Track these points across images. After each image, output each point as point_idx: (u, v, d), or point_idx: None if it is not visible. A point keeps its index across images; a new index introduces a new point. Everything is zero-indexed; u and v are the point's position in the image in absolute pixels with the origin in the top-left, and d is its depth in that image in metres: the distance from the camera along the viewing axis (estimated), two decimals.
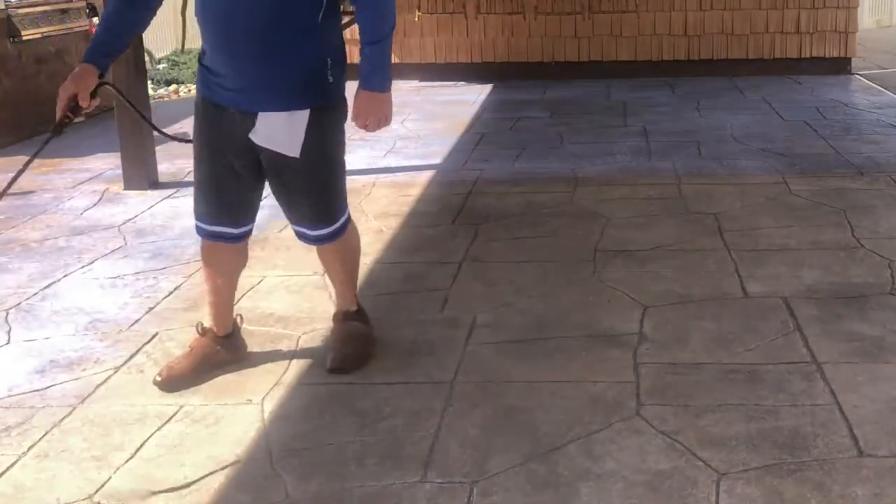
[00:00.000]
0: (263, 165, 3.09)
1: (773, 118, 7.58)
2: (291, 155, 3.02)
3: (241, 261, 3.35)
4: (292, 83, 2.97)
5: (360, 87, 3.04)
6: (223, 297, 3.34)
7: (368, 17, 3.00)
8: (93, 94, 2.97)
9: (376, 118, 3.05)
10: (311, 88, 3.00)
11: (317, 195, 3.14)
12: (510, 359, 3.37)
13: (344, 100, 3.14)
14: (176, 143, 3.57)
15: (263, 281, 4.18)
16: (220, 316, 3.35)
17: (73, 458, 2.79)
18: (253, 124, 2.99)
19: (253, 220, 3.26)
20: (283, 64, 2.94)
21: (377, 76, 3.03)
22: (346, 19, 3.97)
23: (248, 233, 3.27)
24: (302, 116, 2.99)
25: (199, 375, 3.24)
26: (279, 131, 2.99)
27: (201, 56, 3.09)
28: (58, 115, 2.97)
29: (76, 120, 3.07)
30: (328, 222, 3.19)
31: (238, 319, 3.42)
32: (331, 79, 3.03)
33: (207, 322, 3.37)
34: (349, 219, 3.28)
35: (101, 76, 3.03)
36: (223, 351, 3.33)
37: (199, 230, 3.22)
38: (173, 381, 3.21)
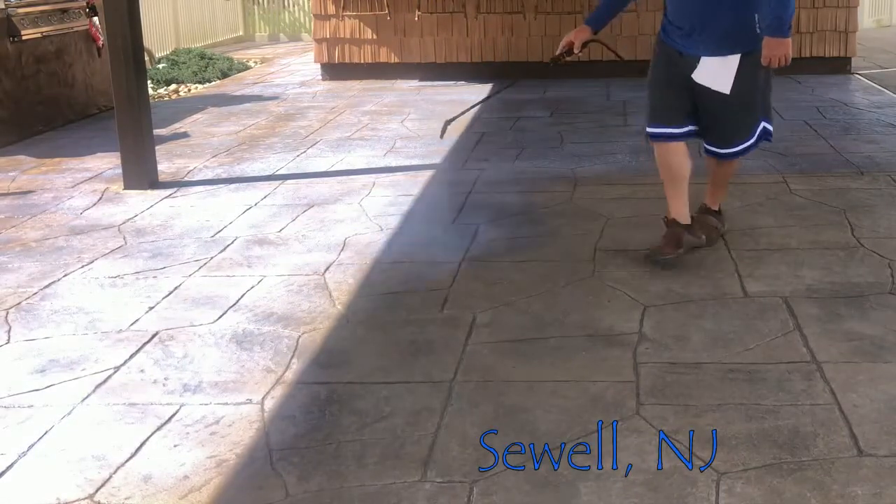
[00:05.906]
0: (696, 94, 4.11)
1: (773, 117, 7.56)
2: (723, 91, 4.01)
3: (682, 160, 4.26)
4: (728, 36, 3.98)
5: (766, 34, 3.92)
6: (677, 191, 4.30)
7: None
8: (584, 46, 4.31)
9: (777, 57, 3.92)
10: (741, 38, 3.98)
11: (736, 121, 4.14)
12: (510, 358, 3.38)
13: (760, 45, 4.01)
14: (174, 143, 3.58)
15: (263, 281, 4.18)
16: (677, 208, 4.31)
17: (73, 458, 2.79)
18: (695, 66, 4.04)
19: (685, 125, 4.21)
20: (725, 22, 3.96)
21: (777, 28, 3.88)
22: None
23: (683, 135, 4.23)
24: (734, 60, 3.99)
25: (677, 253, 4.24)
26: (715, 72, 4.00)
27: (665, 14, 4.21)
28: (556, 53, 4.39)
29: (567, 59, 4.42)
30: (739, 143, 4.19)
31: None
32: (758, 29, 3.97)
33: (671, 214, 4.34)
34: (757, 136, 4.22)
35: (594, 33, 4.32)
36: (687, 235, 4.29)
37: (650, 134, 4.27)
38: (657, 252, 4.23)
